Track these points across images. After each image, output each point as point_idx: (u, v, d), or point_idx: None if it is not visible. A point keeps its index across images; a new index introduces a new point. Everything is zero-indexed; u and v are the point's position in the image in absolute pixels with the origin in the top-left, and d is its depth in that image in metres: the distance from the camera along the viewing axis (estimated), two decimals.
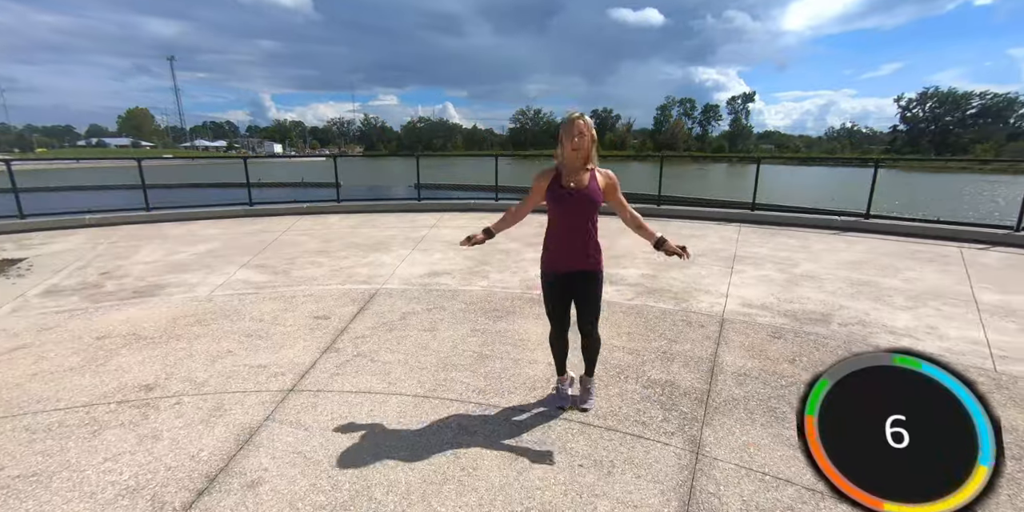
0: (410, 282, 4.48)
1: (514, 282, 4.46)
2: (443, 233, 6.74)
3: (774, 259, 5.25)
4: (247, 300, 3.97)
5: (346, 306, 3.82)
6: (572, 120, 2.11)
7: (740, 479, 1.87)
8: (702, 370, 2.77)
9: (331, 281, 4.50)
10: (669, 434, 2.16)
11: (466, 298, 4.02)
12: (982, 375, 2.73)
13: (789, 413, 2.33)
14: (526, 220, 8.04)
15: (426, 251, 5.69)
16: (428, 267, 4.98)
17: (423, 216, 8.15)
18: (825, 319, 3.56)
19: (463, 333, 3.30)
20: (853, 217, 7.19)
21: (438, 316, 3.61)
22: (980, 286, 4.27)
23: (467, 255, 5.46)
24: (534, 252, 5.57)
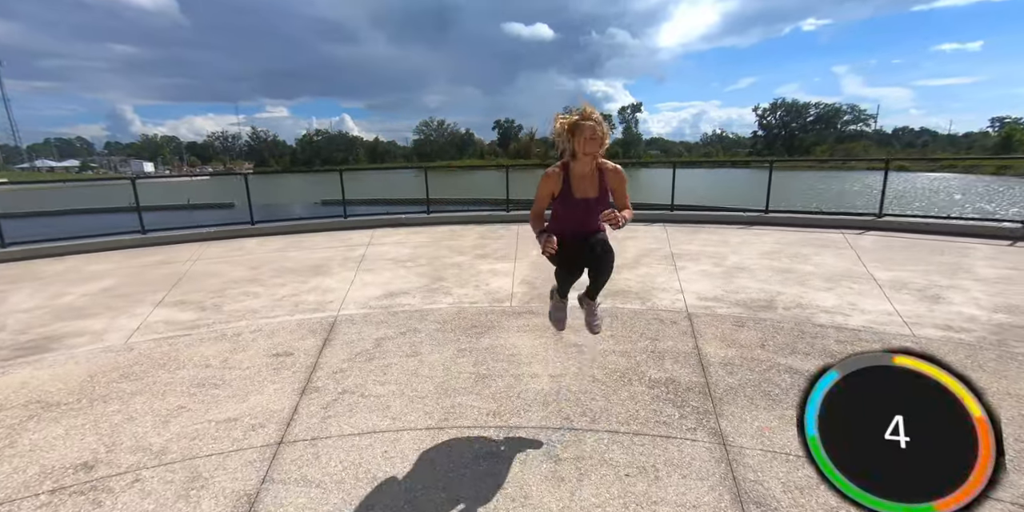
0: (368, 305, 4.17)
1: (479, 296, 4.36)
2: (383, 250, 6.40)
3: (705, 254, 5.75)
4: (180, 344, 3.41)
5: (307, 338, 3.45)
6: (583, 120, 2.06)
7: (771, 462, 2.00)
8: (692, 364, 2.93)
9: (276, 312, 4.04)
10: (692, 430, 2.24)
11: (437, 317, 3.85)
12: (907, 340, 3.22)
13: (782, 395, 2.55)
14: (463, 232, 8.07)
15: (371, 270, 5.36)
16: (382, 288, 4.69)
17: (354, 234, 7.68)
18: (770, 305, 3.97)
19: (450, 354, 3.14)
20: (756, 212, 8.15)
21: (415, 339, 3.41)
22: (872, 265, 5.05)
23: (419, 272, 5.24)
24: (487, 264, 5.51)
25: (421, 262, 5.71)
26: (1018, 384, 2.61)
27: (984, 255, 5.35)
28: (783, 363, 2.91)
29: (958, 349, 3.05)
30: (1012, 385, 2.60)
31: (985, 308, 3.75)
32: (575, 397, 2.58)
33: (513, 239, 6.87)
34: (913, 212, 9.38)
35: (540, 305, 4.07)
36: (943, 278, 4.56)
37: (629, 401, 2.51)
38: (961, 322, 3.50)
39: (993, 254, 5.39)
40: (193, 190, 28.95)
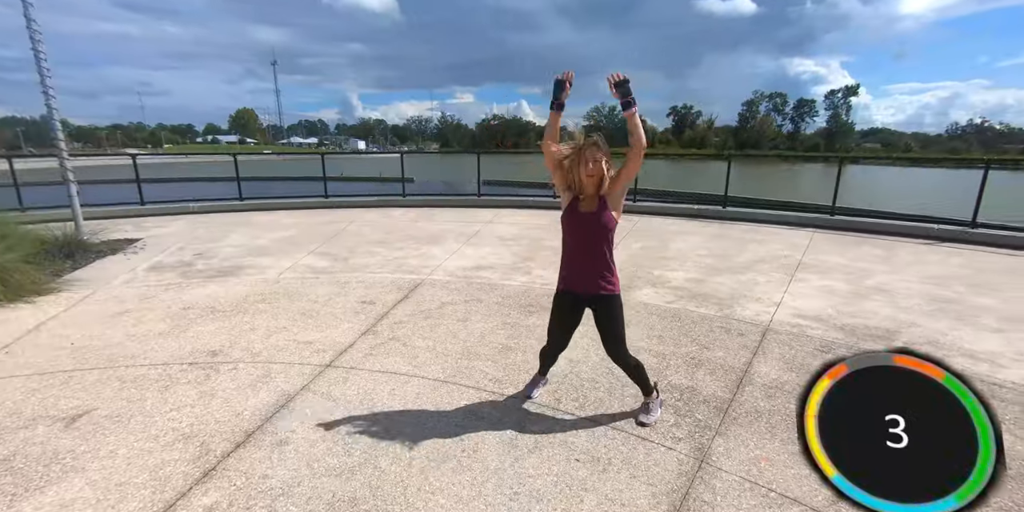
0: (454, 274, 4.67)
1: (555, 278, 4.48)
2: (497, 229, 6.90)
3: (846, 269, 4.81)
4: (307, 283, 4.38)
5: (391, 293, 4.08)
6: (586, 149, 2.02)
7: (742, 492, 1.80)
8: (730, 380, 2.65)
9: (383, 270, 4.81)
10: (676, 439, 2.11)
11: (504, 292, 4.13)
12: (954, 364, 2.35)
13: None
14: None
15: (476, 245, 5.87)
16: (475, 261, 5.15)
17: (481, 212, 8.38)
18: (889, 336, 3.23)
19: (493, 325, 3.41)
20: (956, 226, 6.35)
21: (474, 308, 3.75)
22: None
23: (514, 251, 5.57)
24: None
25: (523, 242, 6.03)
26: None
27: None
28: None
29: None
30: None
31: None
32: (580, 383, 2.61)
33: (627, 230, 6.70)
34: None
35: None
36: None
37: (630, 399, 2.44)
38: None
39: None
40: (390, 164, 34.30)
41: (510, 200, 9.34)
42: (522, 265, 4.98)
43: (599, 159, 2.02)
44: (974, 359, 2.91)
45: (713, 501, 1.75)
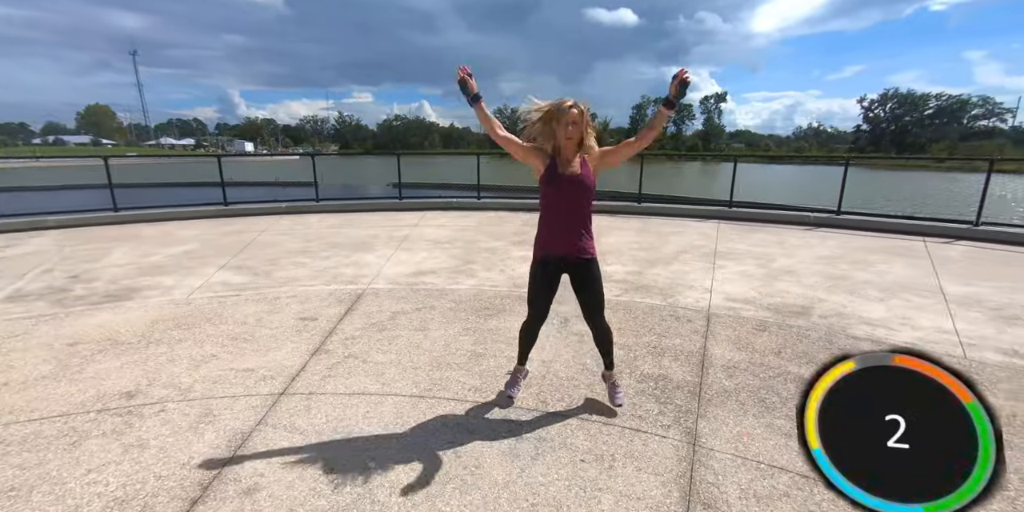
0: (396, 281, 4.42)
1: (502, 280, 4.46)
2: (426, 232, 6.69)
3: (753, 255, 5.40)
4: (228, 302, 3.86)
5: (333, 307, 3.75)
6: (564, 110, 2.03)
7: (737, 468, 1.92)
8: (693, 363, 2.83)
9: (315, 282, 4.41)
10: (666, 427, 2.20)
11: (455, 297, 4.00)
12: (954, 362, 2.86)
13: (779, 403, 2.41)
14: (509, 218, 8.12)
15: (410, 250, 5.63)
16: (414, 266, 4.93)
17: (405, 215, 8.07)
18: (805, 312, 3.68)
19: (455, 332, 3.28)
20: (825, 213, 7.45)
21: (428, 315, 3.58)
22: (946, 278, 4.48)
23: (452, 254, 5.44)
24: (520, 250, 5.58)
25: (458, 245, 5.91)
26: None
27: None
28: (794, 372, 2.72)
29: (1015, 377, 2.67)
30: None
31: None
32: (559, 383, 2.61)
33: None
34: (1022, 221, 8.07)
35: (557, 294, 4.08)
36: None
37: None
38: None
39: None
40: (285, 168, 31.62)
41: (433, 202, 9.12)
42: (465, 268, 4.87)
43: (577, 121, 2.03)
44: (872, 326, 3.43)
45: (716, 481, 1.85)
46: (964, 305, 3.82)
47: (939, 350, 3.03)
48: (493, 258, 5.24)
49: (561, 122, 2.03)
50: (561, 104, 2.04)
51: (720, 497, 1.77)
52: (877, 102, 72.53)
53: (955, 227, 6.54)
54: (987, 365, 2.82)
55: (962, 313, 3.66)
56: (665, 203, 8.94)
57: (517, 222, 7.41)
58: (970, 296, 4.02)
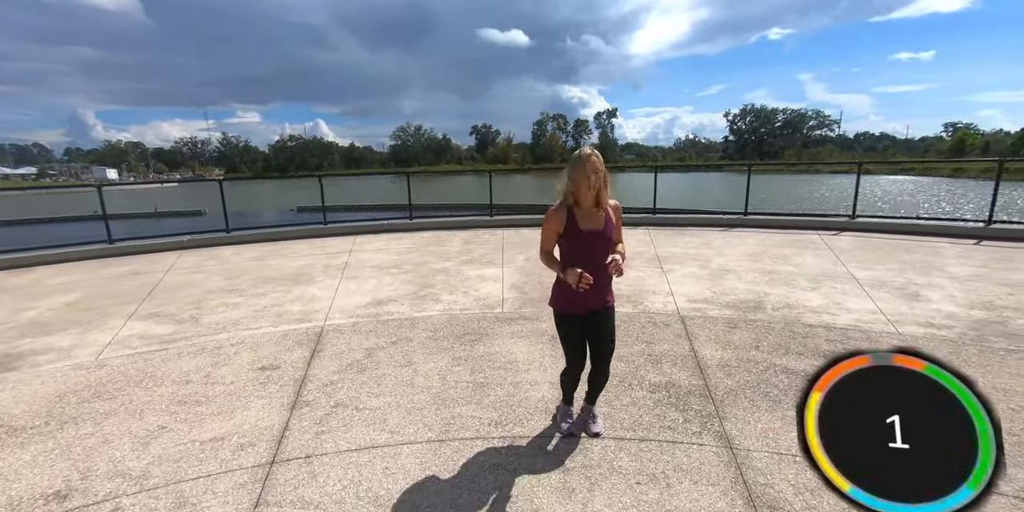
0: (356, 314, 4.05)
1: (470, 302, 4.29)
2: (366, 257, 6.27)
3: (690, 256, 5.82)
4: (157, 359, 3.23)
5: (294, 350, 3.31)
6: (586, 158, 1.97)
7: (779, 464, 1.99)
8: (690, 367, 2.92)
9: (260, 323, 3.88)
10: (697, 434, 2.23)
11: (428, 325, 3.76)
12: (893, 338, 3.30)
13: (780, 395, 2.56)
14: (447, 238, 7.94)
15: (356, 278, 5.22)
16: (368, 296, 4.56)
17: (335, 241, 7.51)
18: (759, 306, 4.02)
19: (445, 363, 3.06)
20: (735, 215, 8.31)
21: (408, 348, 3.31)
22: (850, 265, 5.19)
23: (405, 279, 5.14)
24: (474, 269, 5.44)
25: (407, 268, 5.60)
26: (1001, 378, 2.70)
27: (954, 254, 5.56)
28: (779, 364, 2.93)
29: (941, 346, 3.14)
30: (996, 379, 2.68)
31: (962, 305, 3.88)
32: (577, 404, 2.54)
33: (498, 244, 6.82)
34: (883, 213, 9.73)
35: (532, 310, 4.02)
36: (919, 276, 4.71)
37: (632, 406, 2.48)
38: (941, 319, 3.61)
39: (962, 252, 5.62)
40: (161, 198, 28.00)
41: (362, 226, 8.59)
42: (425, 293, 4.62)
43: (598, 169, 1.99)
44: (817, 313, 3.84)
45: (768, 481, 1.90)
46: (874, 287, 4.44)
47: (876, 329, 3.48)
48: (451, 280, 5.04)
49: (583, 171, 1.96)
50: (580, 154, 2.01)
51: (779, 497, 1.81)
52: (739, 116, 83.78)
53: (837, 220, 7.64)
54: (918, 338, 3.29)
55: (876, 294, 4.25)
56: None
57: (457, 241, 7.25)
58: (874, 279, 4.69)
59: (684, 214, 8.94)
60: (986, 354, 3.00)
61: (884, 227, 7.22)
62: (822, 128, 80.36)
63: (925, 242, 6.17)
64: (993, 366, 2.83)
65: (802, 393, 1.54)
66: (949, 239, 6.32)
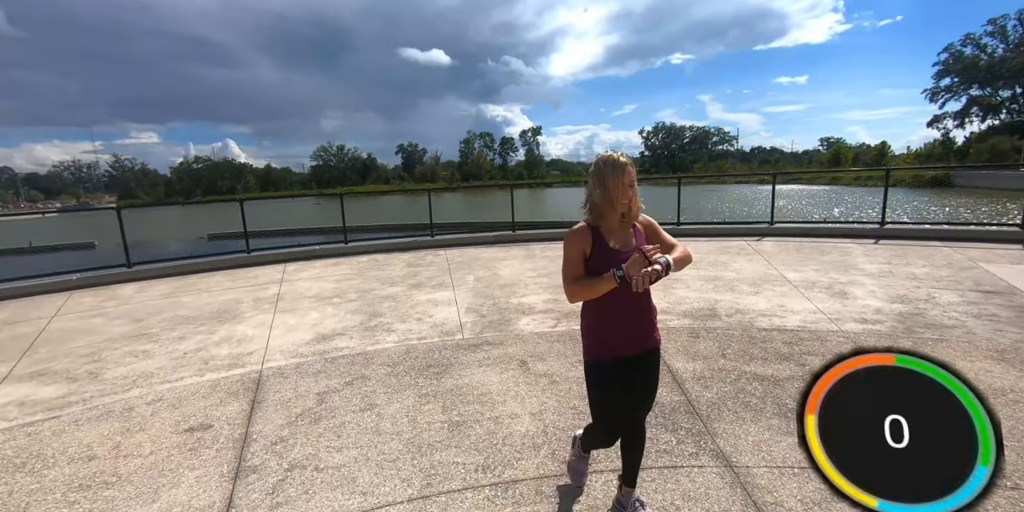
0: (299, 353, 3.61)
1: (426, 330, 4.01)
2: (302, 287, 5.73)
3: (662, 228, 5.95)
4: (45, 431, 2.61)
5: (227, 404, 2.84)
6: (621, 165, 1.61)
7: (780, 479, 1.96)
8: (667, 382, 2.88)
9: (180, 374, 3.32)
10: (695, 456, 2.15)
11: (385, 359, 3.42)
12: (838, 336, 3.51)
13: (760, 404, 2.58)
14: (388, 261, 7.63)
15: (294, 312, 4.72)
16: (310, 331, 4.12)
17: (261, 270, 6.83)
18: (714, 314, 4.14)
19: (412, 403, 2.77)
20: (670, 225, 8.73)
21: (366, 388, 2.97)
22: (781, 268, 5.58)
23: (350, 309, 4.73)
24: (423, 294, 5.15)
25: (350, 297, 5.18)
26: None
27: (861, 252, 6.18)
28: (749, 371, 2.98)
29: (882, 340, 3.38)
30: None
31: (884, 300, 4.26)
32: (565, 435, 2.37)
33: (444, 265, 6.57)
34: (794, 219, 10.72)
35: (494, 334, 3.83)
36: (840, 275, 5.15)
37: None
38: (871, 314, 3.92)
39: (867, 251, 6.26)
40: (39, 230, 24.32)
41: (291, 252, 7.92)
42: (375, 323, 4.26)
43: (634, 181, 1.66)
44: (767, 316, 4.02)
45: (776, 500, 1.84)
46: (807, 288, 4.77)
47: (823, 328, 3.69)
48: (400, 306, 4.71)
49: (618, 181, 1.61)
50: (615, 159, 1.64)
51: None
52: (652, 133, 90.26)
53: (758, 227, 8.28)
54: (859, 334, 3.53)
55: (811, 294, 4.56)
56: (536, 229, 9.39)
57: (400, 264, 6.89)
58: (805, 279, 5.05)
59: None
60: (919, 345, 3.27)
61: (798, 231, 7.92)
62: (723, 143, 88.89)
63: (833, 243, 6.82)
64: None
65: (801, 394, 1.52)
66: (852, 239, 7.04)
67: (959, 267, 5.17)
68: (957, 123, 49.57)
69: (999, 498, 1.79)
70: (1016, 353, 3.06)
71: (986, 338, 3.33)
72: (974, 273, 4.93)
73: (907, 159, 49.48)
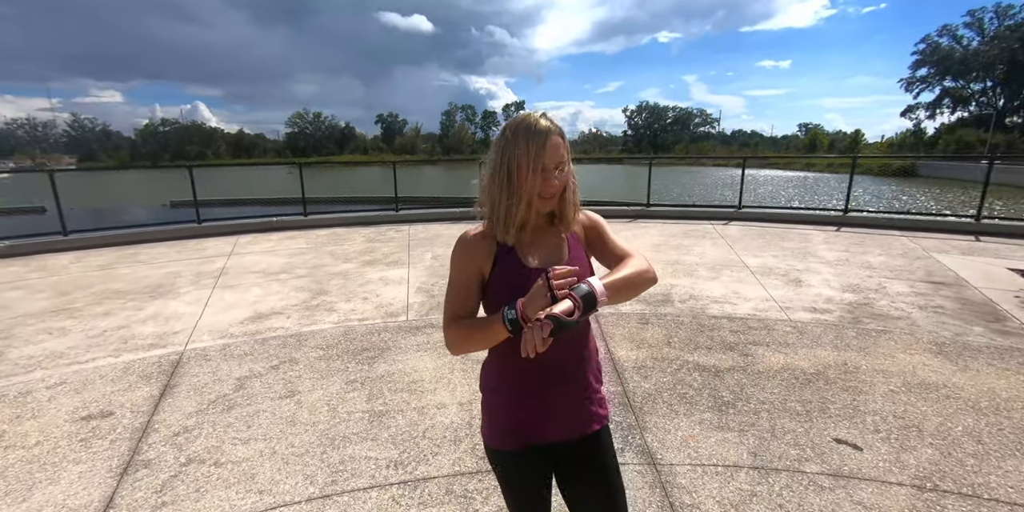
0: (229, 333, 3.40)
1: (369, 311, 3.83)
2: (250, 261, 5.44)
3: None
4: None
5: (137, 388, 2.63)
6: (540, 132, 0.96)
7: (701, 479, 1.89)
8: (607, 370, 2.79)
9: (94, 354, 3.08)
10: (620, 451, 2.07)
11: (319, 341, 3.24)
12: (785, 325, 3.48)
13: (696, 396, 2.52)
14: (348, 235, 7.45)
15: (235, 287, 4.46)
16: (248, 309, 3.89)
17: (211, 242, 6.48)
18: (667, 299, 4.07)
19: (336, 390, 2.61)
20: (639, 206, 8.63)
21: (291, 373, 2.80)
22: (742, 253, 5.55)
23: (296, 285, 4.50)
24: (376, 271, 4.94)
25: (299, 273, 4.93)
26: (878, 359, 2.92)
27: (822, 240, 6.20)
28: (691, 360, 2.92)
29: (827, 331, 3.36)
30: (874, 361, 2.89)
31: (836, 288, 4.26)
32: None
33: (404, 241, 6.34)
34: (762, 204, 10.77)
35: (439, 316, 3.68)
36: (798, 262, 5.14)
37: None
38: (823, 303, 3.91)
39: (827, 238, 6.28)
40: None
41: (247, 224, 7.55)
42: (318, 301, 4.06)
43: (564, 160, 1.00)
44: (719, 303, 3.96)
45: (694, 501, 1.78)
46: (764, 274, 4.74)
47: (771, 316, 3.66)
48: (349, 284, 4.50)
49: (534, 163, 0.96)
50: (530, 123, 0.97)
51: None
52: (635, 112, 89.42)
53: (726, 211, 8.24)
54: (807, 323, 3.50)
55: (766, 281, 4.53)
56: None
57: (359, 239, 6.63)
58: (763, 266, 5.03)
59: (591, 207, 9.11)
60: (863, 336, 3.26)
61: (764, 216, 7.91)
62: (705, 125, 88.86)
63: (797, 230, 6.84)
64: (870, 348, 3.07)
65: None
66: (815, 226, 7.07)
67: (913, 257, 5.22)
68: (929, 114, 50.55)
69: (916, 501, 1.76)
70: (954, 347, 3.08)
71: (928, 330, 3.34)
72: (926, 263, 4.98)
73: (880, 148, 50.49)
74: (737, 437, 2.15)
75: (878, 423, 2.25)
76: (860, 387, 2.59)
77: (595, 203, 9.76)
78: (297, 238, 6.79)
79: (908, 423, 2.25)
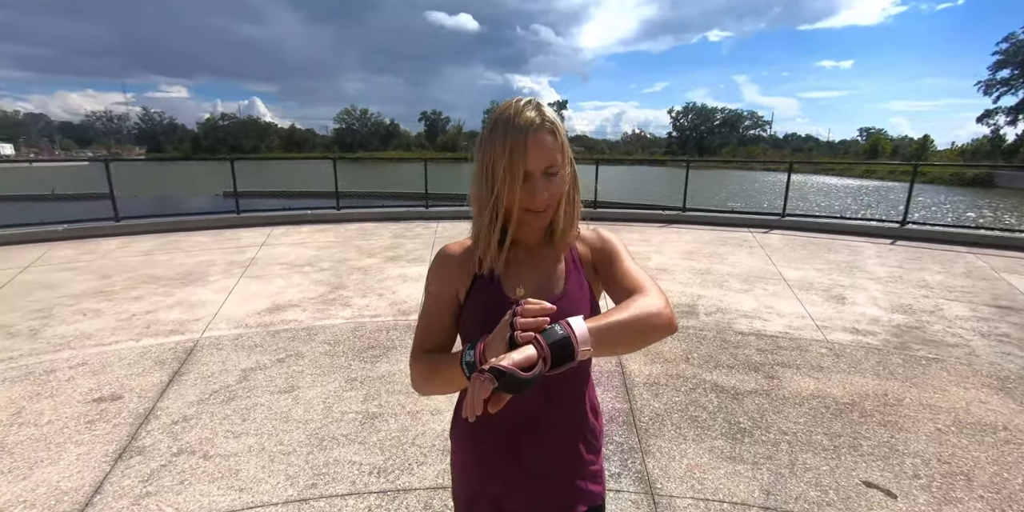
0: (245, 323, 3.46)
1: (383, 307, 3.81)
2: (279, 252, 5.59)
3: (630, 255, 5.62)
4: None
5: (149, 373, 2.71)
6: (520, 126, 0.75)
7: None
8: (615, 386, 2.63)
9: (118, 336, 3.20)
10: (616, 476, 1.92)
11: (327, 337, 3.25)
12: (820, 346, 3.18)
13: (709, 420, 2.32)
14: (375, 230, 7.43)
15: (260, 278, 4.58)
16: (268, 300, 3.96)
17: (247, 232, 6.72)
18: (692, 311, 3.84)
19: (335, 388, 2.59)
20: (675, 211, 8.28)
21: (295, 368, 2.80)
22: (780, 265, 5.18)
23: (317, 279, 4.56)
24: (396, 267, 4.94)
25: (323, 266, 5.01)
26: (926, 392, 2.61)
27: (873, 253, 5.72)
28: (708, 380, 2.71)
29: (869, 355, 3.05)
30: (922, 394, 2.59)
31: (884, 308, 3.89)
32: None
33: (430, 239, 6.34)
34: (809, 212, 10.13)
35: None
36: (843, 277, 4.75)
37: None
38: (866, 324, 3.57)
39: (880, 252, 5.79)
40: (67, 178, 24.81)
41: (282, 216, 7.81)
42: (335, 296, 4.08)
43: (555, 162, 0.78)
44: (749, 318, 3.70)
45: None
46: (802, 289, 4.40)
47: (805, 336, 3.36)
48: (368, 280, 4.52)
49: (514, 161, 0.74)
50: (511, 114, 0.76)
51: None
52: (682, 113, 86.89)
53: (767, 218, 7.78)
54: (846, 346, 3.20)
55: (804, 296, 4.20)
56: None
57: (387, 234, 6.69)
58: (802, 279, 4.67)
59: (624, 209, 8.84)
60: (910, 364, 2.93)
61: (810, 226, 7.41)
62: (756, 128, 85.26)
63: (846, 241, 6.35)
64: (917, 378, 2.76)
65: None
66: (868, 238, 6.54)
67: (978, 277, 4.71)
68: (1010, 119, 46.05)
69: None
70: (1020, 383, 2.71)
71: (989, 362, 2.97)
72: (993, 284, 4.48)
73: (950, 155, 46.65)
74: (750, 470, 1.95)
75: (919, 467, 1.99)
76: (901, 423, 2.31)
77: (627, 205, 9.47)
78: (327, 231, 6.93)
79: (955, 470, 1.97)
